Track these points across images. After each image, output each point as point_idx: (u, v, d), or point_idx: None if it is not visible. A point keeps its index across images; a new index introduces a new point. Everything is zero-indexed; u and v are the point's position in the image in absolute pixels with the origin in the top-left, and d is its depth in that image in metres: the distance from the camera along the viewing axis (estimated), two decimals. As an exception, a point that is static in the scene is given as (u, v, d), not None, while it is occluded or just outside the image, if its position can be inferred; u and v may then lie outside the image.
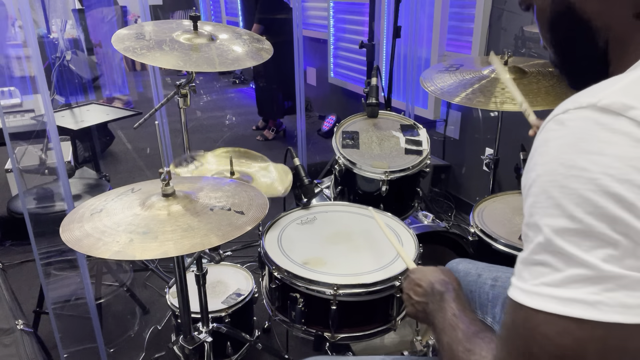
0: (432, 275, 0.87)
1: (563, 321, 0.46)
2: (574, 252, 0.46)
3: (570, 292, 0.46)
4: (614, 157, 0.45)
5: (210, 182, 1.16)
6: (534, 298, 0.48)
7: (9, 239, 2.69)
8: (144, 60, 1.25)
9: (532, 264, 0.49)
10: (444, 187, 3.05)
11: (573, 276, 0.46)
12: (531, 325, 0.48)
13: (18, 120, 2.53)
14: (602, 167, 0.45)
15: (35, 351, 1.29)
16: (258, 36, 1.52)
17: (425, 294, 0.85)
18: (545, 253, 0.48)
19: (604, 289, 0.44)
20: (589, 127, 0.47)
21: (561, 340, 0.46)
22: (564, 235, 0.47)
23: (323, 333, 1.25)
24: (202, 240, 0.88)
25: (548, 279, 0.47)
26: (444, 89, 1.64)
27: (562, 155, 0.48)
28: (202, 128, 4.46)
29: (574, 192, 0.46)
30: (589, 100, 0.48)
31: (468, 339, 0.64)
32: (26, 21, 1.37)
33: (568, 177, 0.47)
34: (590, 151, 0.46)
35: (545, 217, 0.48)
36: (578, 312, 0.45)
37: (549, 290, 0.47)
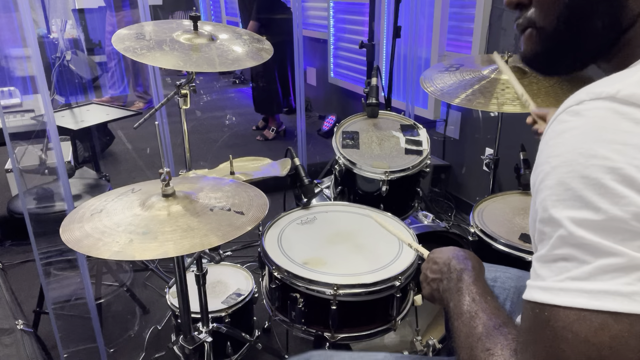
0: (451, 251, 0.80)
1: (597, 316, 0.42)
2: (601, 243, 0.43)
3: (602, 285, 0.43)
4: (635, 146, 0.43)
5: (210, 182, 1.16)
6: (559, 295, 0.45)
7: (9, 239, 2.69)
8: (145, 60, 1.25)
9: (553, 261, 0.46)
10: (444, 187, 3.05)
11: (603, 266, 0.43)
12: (559, 325, 0.44)
13: (18, 120, 2.53)
14: (627, 157, 0.43)
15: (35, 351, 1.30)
16: (258, 36, 1.52)
17: (441, 270, 0.78)
18: (569, 246, 0.45)
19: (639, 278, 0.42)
20: (609, 117, 0.45)
21: (597, 338, 0.42)
22: (589, 227, 0.44)
23: (323, 333, 1.25)
24: (202, 240, 0.88)
25: (574, 273, 0.44)
26: (444, 90, 1.64)
27: (582, 145, 0.45)
28: (202, 128, 4.46)
29: (596, 183, 0.44)
30: (607, 91, 0.46)
31: (488, 335, 0.57)
32: (26, 21, 1.37)
33: (589, 166, 0.44)
34: (613, 140, 0.44)
35: (566, 209, 0.45)
36: (613, 305, 0.42)
37: (576, 285, 0.44)
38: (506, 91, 1.56)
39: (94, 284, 2.05)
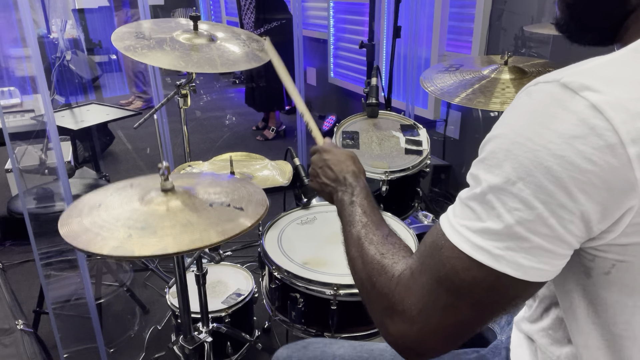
0: (345, 163, 0.91)
1: (469, 261, 0.54)
2: (497, 207, 0.53)
3: (482, 242, 0.53)
4: (556, 133, 0.49)
5: (210, 178, 1.16)
6: (455, 235, 0.56)
7: (9, 239, 2.69)
8: (145, 60, 1.24)
9: (465, 206, 0.57)
10: (444, 187, 3.05)
11: (489, 229, 0.53)
12: (446, 254, 0.56)
13: (18, 120, 2.53)
14: (544, 140, 0.49)
15: (35, 351, 1.30)
16: (257, 37, 1.52)
17: (337, 180, 0.89)
18: (476, 202, 0.55)
19: (507, 247, 0.52)
20: (545, 101, 0.51)
21: (463, 275, 0.55)
22: (496, 192, 0.53)
23: (323, 333, 1.25)
24: (202, 235, 0.87)
25: (470, 224, 0.55)
26: (444, 89, 1.64)
27: (517, 122, 0.53)
28: (202, 128, 4.46)
29: (515, 158, 0.51)
30: (555, 76, 0.51)
31: (381, 242, 0.69)
32: (26, 21, 1.36)
33: (514, 143, 0.52)
34: (538, 123, 0.50)
35: (487, 173, 0.54)
36: (481, 259, 0.53)
37: (467, 234, 0.55)
38: (506, 90, 1.56)
39: (94, 284, 2.05)
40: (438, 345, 0.59)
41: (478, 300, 0.55)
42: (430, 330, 0.58)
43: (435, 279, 0.57)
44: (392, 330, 0.61)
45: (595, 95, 0.48)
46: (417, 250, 0.63)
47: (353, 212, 0.79)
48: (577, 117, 0.48)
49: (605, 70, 0.50)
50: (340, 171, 0.90)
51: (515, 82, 1.58)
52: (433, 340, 0.59)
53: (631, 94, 0.48)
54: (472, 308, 0.56)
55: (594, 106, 0.47)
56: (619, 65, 0.51)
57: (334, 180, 0.90)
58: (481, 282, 0.54)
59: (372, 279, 0.65)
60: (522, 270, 0.52)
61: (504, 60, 1.66)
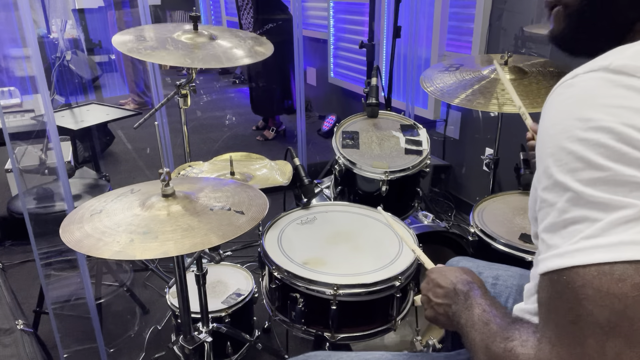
0: (453, 275, 0.78)
1: (616, 268, 0.42)
2: (611, 198, 0.44)
3: (617, 237, 0.43)
4: (631, 110, 0.45)
5: (210, 182, 1.16)
6: (575, 256, 0.44)
7: (9, 239, 2.69)
8: (151, 59, 1.26)
9: (563, 226, 0.46)
10: (444, 187, 3.05)
11: (616, 220, 0.43)
12: (578, 284, 0.43)
13: (18, 120, 2.53)
14: (622, 118, 0.45)
15: (35, 351, 1.29)
16: (257, 37, 1.52)
17: (447, 295, 0.76)
18: (578, 207, 0.45)
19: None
20: (602, 85, 0.47)
21: (619, 289, 0.42)
22: (596, 185, 0.45)
23: (323, 333, 1.25)
24: (203, 239, 0.88)
25: (588, 232, 0.44)
26: (444, 90, 1.64)
27: (578, 110, 0.47)
28: (202, 128, 4.46)
29: (596, 143, 0.45)
30: (600, 64, 0.48)
31: (504, 329, 0.56)
32: (26, 21, 1.36)
33: (587, 129, 0.46)
34: (607, 104, 0.46)
35: (570, 172, 0.46)
36: (631, 254, 0.42)
37: (592, 242, 0.44)
38: (506, 91, 1.56)
39: (94, 284, 2.05)
40: None
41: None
42: None
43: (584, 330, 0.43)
44: None
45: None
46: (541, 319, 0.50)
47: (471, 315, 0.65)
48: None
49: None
50: (449, 285, 0.76)
51: (515, 83, 1.58)
52: None
53: None
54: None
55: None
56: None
57: (445, 296, 0.77)
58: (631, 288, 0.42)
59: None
60: None
61: (504, 60, 1.66)
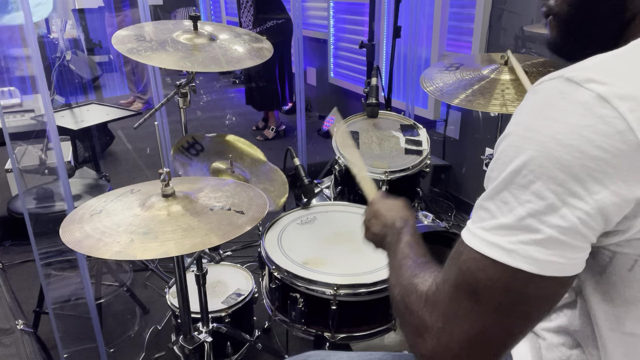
0: (394, 210, 0.92)
1: (484, 260, 0.54)
2: (510, 202, 0.53)
3: (495, 238, 0.53)
4: (564, 124, 0.49)
5: (210, 182, 1.16)
6: (470, 237, 0.56)
7: (9, 239, 2.69)
8: (150, 62, 1.24)
9: (480, 209, 0.57)
10: (444, 187, 3.05)
11: (501, 224, 0.53)
12: (463, 259, 0.56)
13: (18, 120, 2.53)
14: (552, 131, 0.50)
15: (35, 351, 1.29)
16: (257, 35, 1.52)
17: (385, 226, 0.89)
18: (491, 201, 0.55)
19: (520, 240, 0.52)
20: (551, 96, 0.52)
21: (479, 275, 0.54)
22: (509, 187, 0.53)
23: (323, 333, 1.25)
24: (203, 239, 0.88)
25: (485, 224, 0.55)
26: (444, 90, 1.64)
27: (525, 119, 0.54)
28: (202, 128, 4.46)
29: (525, 152, 0.52)
30: (559, 73, 0.52)
31: (416, 267, 0.70)
32: (26, 21, 1.36)
33: (524, 138, 0.52)
34: (547, 117, 0.51)
35: (500, 171, 0.54)
36: (494, 255, 0.53)
37: (482, 233, 0.55)
38: (506, 92, 1.56)
39: (94, 284, 2.05)
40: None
41: (499, 303, 0.53)
42: (457, 344, 0.55)
43: (455, 287, 0.56)
44: (422, 349, 0.58)
45: (600, 86, 0.49)
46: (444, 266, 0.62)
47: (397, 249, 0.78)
48: (583, 108, 0.49)
49: (609, 64, 0.51)
50: (389, 218, 0.89)
51: (515, 83, 1.58)
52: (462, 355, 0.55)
53: (635, 84, 0.49)
54: (495, 314, 0.54)
55: (600, 96, 0.48)
56: (621, 60, 0.52)
57: (383, 227, 0.89)
58: (497, 281, 0.53)
59: (404, 300, 0.64)
60: (536, 265, 0.51)
61: (504, 60, 1.66)
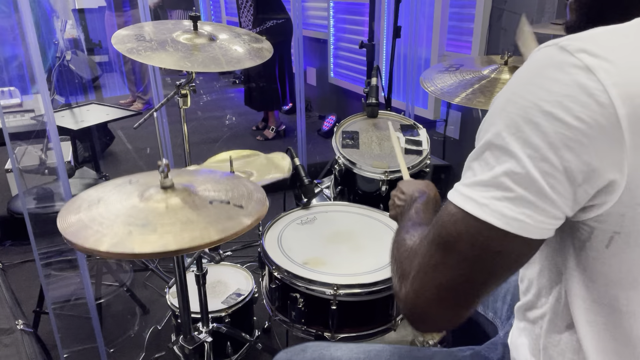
0: (416, 185, 0.97)
1: (456, 211, 0.57)
2: (490, 161, 0.55)
3: (470, 192, 0.56)
4: (548, 91, 0.50)
5: (209, 175, 1.15)
6: (453, 192, 0.59)
7: (9, 239, 2.69)
8: (150, 62, 1.23)
9: (467, 168, 0.60)
10: (444, 187, 3.03)
11: (479, 181, 0.56)
12: (446, 211, 0.59)
13: (18, 120, 2.53)
14: (535, 97, 0.51)
15: (35, 351, 1.30)
16: (257, 36, 1.52)
17: (405, 199, 0.94)
18: (475, 160, 0.58)
19: (493, 196, 0.54)
20: (542, 62, 0.53)
21: (450, 227, 0.57)
22: (490, 147, 0.55)
23: (323, 333, 1.25)
24: (202, 233, 0.87)
25: (466, 181, 0.58)
26: (444, 89, 1.64)
27: (514, 82, 0.55)
28: (202, 128, 4.45)
29: (507, 115, 0.54)
30: (556, 40, 0.53)
31: (413, 226, 0.75)
32: (26, 21, 1.36)
33: (508, 100, 0.54)
34: (533, 83, 0.52)
35: (485, 131, 0.56)
36: (467, 207, 0.56)
37: (461, 189, 0.58)
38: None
39: (94, 284, 2.05)
40: (433, 308, 0.59)
41: (465, 255, 0.56)
42: (425, 290, 0.59)
43: (431, 238, 0.60)
44: (400, 295, 0.62)
45: (590, 58, 0.49)
46: None
47: (407, 215, 0.83)
48: (569, 77, 0.49)
49: (605, 37, 0.52)
50: (410, 193, 0.94)
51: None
52: (428, 302, 0.59)
53: (627, 61, 0.49)
54: (461, 265, 0.56)
55: (587, 67, 0.49)
56: (619, 34, 0.52)
57: (404, 200, 0.95)
58: (466, 233, 0.55)
59: (394, 254, 0.69)
60: (503, 220, 0.53)
61: (504, 60, 1.66)
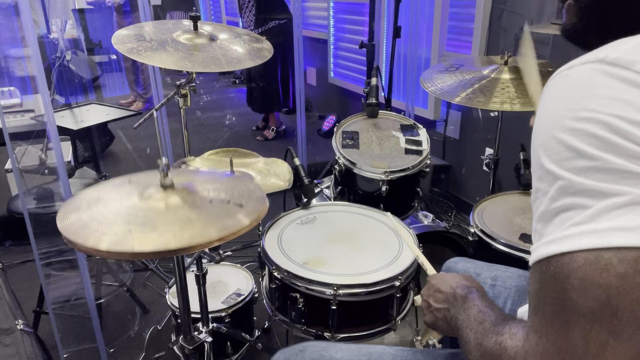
0: (454, 280, 0.79)
1: (603, 255, 0.41)
2: (601, 185, 0.43)
3: (607, 223, 0.42)
4: (624, 102, 0.44)
5: (209, 175, 1.15)
6: (563, 243, 0.44)
7: (9, 239, 2.69)
8: (150, 62, 1.23)
9: (555, 215, 0.46)
10: (444, 187, 3.04)
11: (606, 207, 0.42)
12: (564, 273, 0.43)
13: (18, 120, 2.53)
14: (613, 109, 0.44)
15: (35, 351, 1.30)
16: (257, 36, 1.52)
17: (447, 299, 0.77)
18: (568, 195, 0.45)
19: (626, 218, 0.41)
20: (597, 76, 0.47)
21: (603, 279, 0.41)
22: (586, 173, 0.44)
23: (323, 333, 1.25)
24: (202, 232, 0.86)
25: (578, 219, 0.44)
26: (444, 89, 1.64)
27: (569, 100, 0.47)
28: (202, 128, 4.46)
29: (586, 133, 0.45)
30: (596, 56, 0.48)
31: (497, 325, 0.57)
32: (26, 21, 1.36)
33: (578, 119, 0.45)
34: (599, 95, 0.45)
35: (561, 161, 0.46)
36: (619, 240, 0.41)
37: (581, 229, 0.43)
38: (506, 90, 1.56)
39: (94, 284, 2.05)
40: None
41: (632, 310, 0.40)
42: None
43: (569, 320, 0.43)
44: None
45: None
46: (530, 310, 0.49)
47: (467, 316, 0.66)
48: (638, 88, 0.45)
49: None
50: (449, 290, 0.77)
51: (515, 82, 1.59)
52: None
53: None
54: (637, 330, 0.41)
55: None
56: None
57: (444, 301, 0.78)
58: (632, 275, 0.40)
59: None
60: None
61: (504, 60, 1.67)
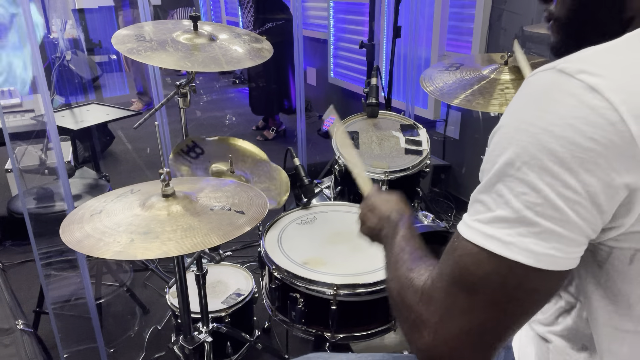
0: (390, 204, 0.91)
1: (481, 253, 0.53)
2: (505, 194, 0.52)
3: (492, 231, 0.53)
4: (557, 115, 0.49)
5: (210, 182, 1.16)
6: (467, 230, 0.56)
7: (9, 239, 2.69)
8: (150, 62, 1.23)
9: (476, 202, 0.57)
10: (444, 187, 3.05)
11: (498, 217, 0.53)
12: (459, 253, 0.56)
13: (18, 120, 2.53)
14: (545, 123, 0.50)
15: (35, 351, 1.30)
16: (257, 36, 1.52)
17: (381, 219, 0.89)
18: (486, 194, 0.55)
19: (518, 233, 0.51)
20: (544, 87, 0.52)
21: (475, 269, 0.54)
22: (503, 179, 0.53)
23: (323, 333, 1.25)
24: (204, 239, 0.88)
25: (481, 217, 0.55)
26: (444, 90, 1.64)
27: (518, 110, 0.54)
28: (202, 128, 4.46)
29: (518, 143, 0.51)
30: (553, 64, 0.52)
31: (412, 260, 0.69)
32: (26, 21, 1.36)
33: (517, 130, 0.52)
34: (539, 108, 0.51)
35: (494, 163, 0.54)
36: (492, 247, 0.52)
37: (478, 226, 0.54)
38: (506, 91, 1.56)
39: (94, 284, 2.05)
40: (465, 355, 0.56)
41: (495, 297, 0.53)
42: (454, 338, 0.55)
43: (451, 281, 0.56)
44: (419, 344, 0.58)
45: (592, 77, 0.49)
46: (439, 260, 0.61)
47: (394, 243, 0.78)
48: (576, 99, 0.49)
49: (601, 56, 0.52)
50: (384, 211, 0.89)
51: (515, 83, 1.58)
52: (459, 348, 0.55)
53: (628, 76, 0.49)
54: (491, 308, 0.54)
55: (592, 87, 0.48)
56: (614, 52, 0.52)
57: (379, 220, 0.89)
58: (493, 274, 0.53)
59: (401, 294, 0.64)
60: (533, 257, 0.51)
61: (504, 60, 1.66)
